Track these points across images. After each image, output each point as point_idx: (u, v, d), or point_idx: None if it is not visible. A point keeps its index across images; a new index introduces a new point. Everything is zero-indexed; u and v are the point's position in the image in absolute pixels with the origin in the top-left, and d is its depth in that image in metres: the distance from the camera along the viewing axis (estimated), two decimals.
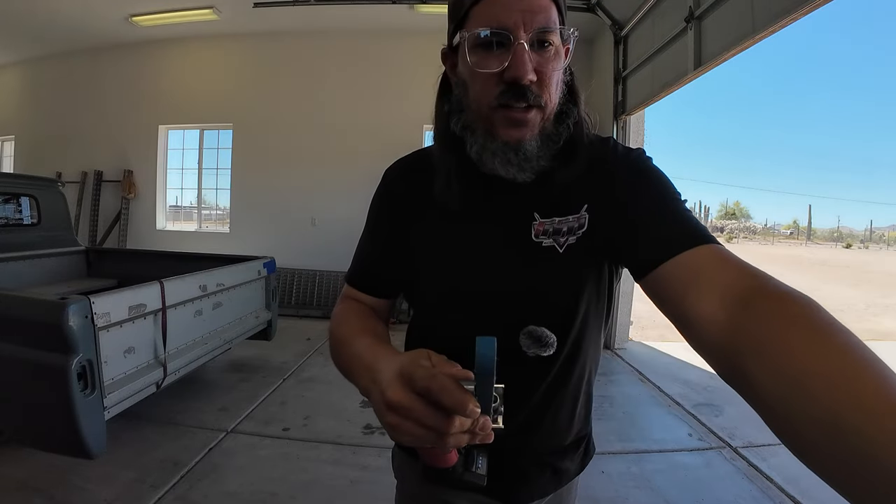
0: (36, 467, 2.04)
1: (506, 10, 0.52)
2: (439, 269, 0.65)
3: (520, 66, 0.52)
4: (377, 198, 0.72)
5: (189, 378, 2.83)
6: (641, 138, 4.37)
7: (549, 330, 0.62)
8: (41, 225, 3.42)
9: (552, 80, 0.55)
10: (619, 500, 2.03)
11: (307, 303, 5.34)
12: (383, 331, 0.65)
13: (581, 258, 0.61)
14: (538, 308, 0.62)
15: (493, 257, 0.63)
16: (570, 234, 0.61)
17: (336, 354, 0.62)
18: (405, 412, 0.41)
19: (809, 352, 0.34)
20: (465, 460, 0.60)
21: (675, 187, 0.59)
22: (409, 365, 0.43)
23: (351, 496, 1.99)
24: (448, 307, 0.66)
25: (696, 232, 0.52)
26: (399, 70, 5.34)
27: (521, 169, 0.58)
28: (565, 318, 0.63)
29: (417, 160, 0.71)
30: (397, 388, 0.42)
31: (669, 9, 3.41)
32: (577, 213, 0.61)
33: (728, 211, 65.28)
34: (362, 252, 0.72)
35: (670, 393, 3.27)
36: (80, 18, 5.15)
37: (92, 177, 6.02)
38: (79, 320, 1.70)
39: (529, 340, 0.61)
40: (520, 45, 0.51)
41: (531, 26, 0.52)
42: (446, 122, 0.62)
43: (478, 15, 0.53)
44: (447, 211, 0.63)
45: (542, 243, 0.61)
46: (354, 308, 0.69)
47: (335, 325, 0.66)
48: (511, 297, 0.62)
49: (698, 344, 0.46)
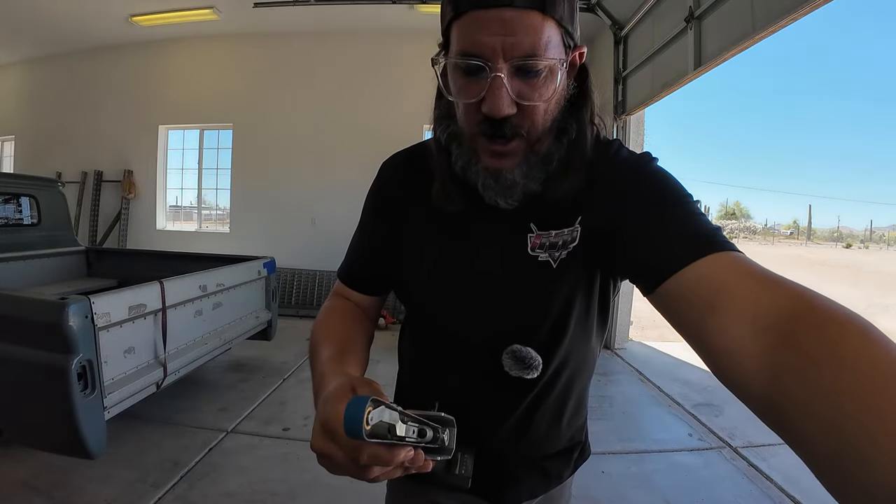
0: (36, 467, 2.04)
1: (484, 33, 0.45)
2: (431, 275, 0.63)
3: (495, 101, 0.46)
4: (371, 194, 0.70)
5: (189, 378, 2.83)
6: (641, 138, 4.37)
7: (535, 350, 0.59)
8: (41, 225, 3.42)
9: (537, 110, 0.49)
10: (619, 500, 2.02)
11: (307, 303, 5.34)
12: (359, 335, 0.63)
13: (572, 273, 0.57)
14: (527, 324, 0.59)
15: (487, 270, 0.60)
16: (563, 248, 0.57)
17: (309, 350, 0.61)
18: (328, 459, 0.41)
19: (872, 406, 0.27)
20: (447, 463, 0.59)
21: (683, 188, 0.52)
22: (332, 417, 0.40)
23: (351, 496, 1.99)
24: (437, 314, 0.65)
25: (710, 237, 0.44)
26: (399, 70, 5.34)
27: (504, 196, 0.55)
28: (554, 336, 0.60)
29: (415, 156, 0.68)
30: (319, 436, 0.41)
31: (669, 9, 3.41)
32: (570, 226, 0.57)
33: (728, 211, 65.27)
34: (354, 248, 0.71)
35: (670, 393, 3.27)
36: (80, 18, 5.15)
37: (92, 177, 6.02)
38: (79, 320, 1.70)
39: (512, 361, 0.58)
40: (496, 79, 0.46)
41: (511, 53, 0.45)
42: (437, 127, 0.59)
43: (458, 33, 0.48)
44: (442, 214, 0.60)
45: (538, 258, 0.57)
46: (338, 308, 0.67)
47: (315, 325, 0.65)
48: (501, 311, 0.60)
49: (729, 382, 0.38)
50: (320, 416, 0.42)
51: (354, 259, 0.71)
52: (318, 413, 0.43)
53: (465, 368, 0.64)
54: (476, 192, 0.56)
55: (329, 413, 0.41)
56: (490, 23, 0.44)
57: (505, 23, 0.44)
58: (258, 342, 3.40)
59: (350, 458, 0.39)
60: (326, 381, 0.48)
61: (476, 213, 0.59)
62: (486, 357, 0.61)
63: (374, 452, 0.37)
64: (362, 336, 0.64)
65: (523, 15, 0.44)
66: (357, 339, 0.62)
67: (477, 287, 0.60)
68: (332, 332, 0.61)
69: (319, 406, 0.44)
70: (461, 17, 0.46)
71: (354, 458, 0.38)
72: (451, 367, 0.65)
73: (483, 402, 0.64)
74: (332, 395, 0.43)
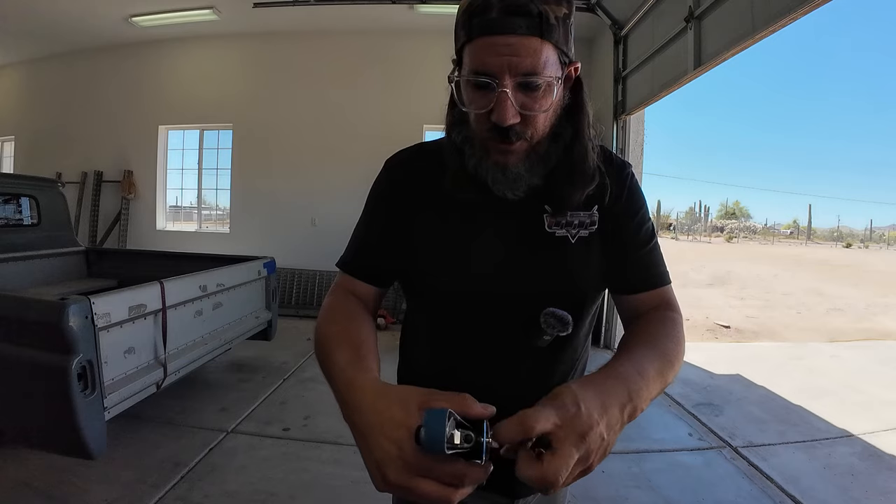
0: (36, 467, 2.04)
1: (492, 55, 0.54)
2: (450, 257, 0.67)
3: (502, 112, 0.55)
4: (377, 185, 0.73)
5: (189, 378, 2.83)
6: (641, 138, 4.38)
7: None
8: (41, 225, 3.42)
9: (538, 118, 0.59)
10: (620, 500, 2.03)
11: (307, 303, 5.34)
12: (366, 333, 0.65)
13: (591, 250, 0.67)
14: (551, 293, 0.65)
15: (507, 243, 0.66)
16: (582, 227, 0.67)
17: (319, 353, 0.63)
18: (405, 491, 0.44)
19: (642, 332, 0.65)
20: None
21: (651, 220, 0.73)
22: (411, 455, 0.44)
23: (351, 496, 1.99)
24: (460, 294, 0.68)
25: (662, 276, 0.71)
26: (399, 70, 5.33)
27: (511, 188, 0.63)
28: (574, 305, 0.66)
29: (420, 153, 0.73)
30: (398, 470, 0.44)
31: (669, 8, 3.41)
32: (588, 211, 0.67)
33: (728, 211, 65.23)
34: (358, 239, 0.73)
35: (670, 393, 3.27)
36: (80, 18, 5.15)
37: (92, 177, 6.02)
38: (79, 321, 1.70)
39: (553, 319, 0.64)
40: (502, 93, 0.55)
41: (515, 72, 0.54)
42: (450, 131, 0.67)
43: (470, 54, 0.57)
44: (456, 205, 0.66)
45: (555, 233, 0.66)
46: (342, 304, 0.69)
47: (322, 320, 0.66)
48: (525, 281, 0.66)
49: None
50: (395, 448, 0.45)
51: (359, 248, 0.73)
52: (380, 440, 0.46)
53: (492, 347, 0.68)
54: (486, 186, 0.64)
55: (402, 439, 0.44)
56: (497, 47, 0.54)
57: (510, 46, 0.53)
58: (258, 342, 3.40)
59: (442, 482, 0.43)
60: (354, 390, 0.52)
61: (489, 203, 0.66)
62: (512, 330, 0.66)
63: (463, 471, 0.43)
64: (368, 333, 0.66)
65: (524, 40, 0.53)
66: (366, 337, 0.64)
67: (500, 263, 0.66)
68: (342, 332, 0.63)
69: (380, 434, 0.47)
70: (473, 41, 0.56)
71: (446, 480, 0.43)
72: (477, 348, 0.69)
73: (506, 377, 0.68)
74: (393, 417, 0.46)
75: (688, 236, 42.67)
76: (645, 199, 0.73)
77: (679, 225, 51.41)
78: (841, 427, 2.75)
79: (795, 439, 2.60)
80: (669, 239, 37.41)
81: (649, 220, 0.72)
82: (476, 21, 0.55)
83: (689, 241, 36.14)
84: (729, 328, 5.86)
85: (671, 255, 7.95)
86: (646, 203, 0.72)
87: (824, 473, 2.25)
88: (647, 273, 0.70)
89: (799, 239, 46.47)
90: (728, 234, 44.13)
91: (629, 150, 4.29)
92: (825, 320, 6.68)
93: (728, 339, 5.32)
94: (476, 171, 0.64)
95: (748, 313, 6.96)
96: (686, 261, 15.50)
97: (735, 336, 5.49)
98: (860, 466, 2.32)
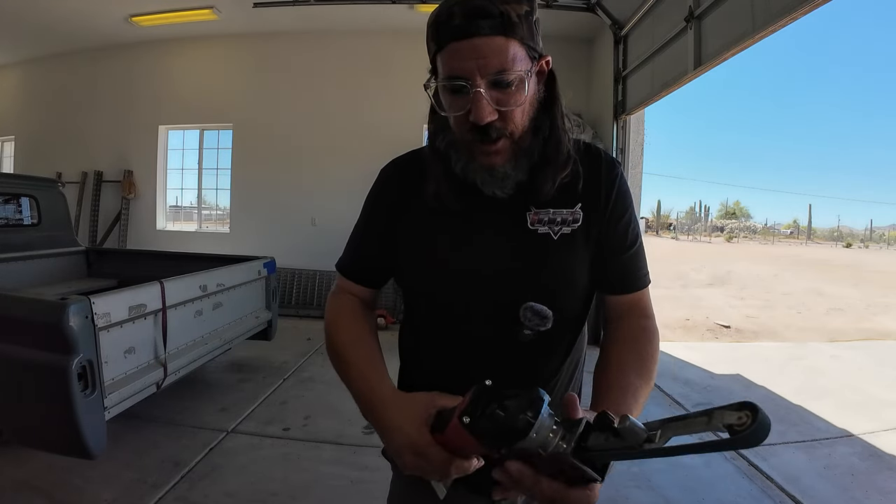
0: (36, 467, 2.04)
1: (462, 59, 0.57)
2: (442, 260, 0.70)
3: (478, 111, 0.57)
4: (372, 193, 0.78)
5: (189, 378, 2.83)
6: (641, 137, 4.38)
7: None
8: (41, 225, 3.42)
9: (515, 113, 0.61)
10: (620, 500, 2.03)
11: (307, 303, 5.35)
12: (374, 338, 0.74)
13: (574, 247, 0.69)
14: (531, 289, 0.67)
15: (488, 240, 0.68)
16: (565, 224, 0.68)
17: (335, 359, 0.72)
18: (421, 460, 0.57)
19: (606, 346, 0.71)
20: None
21: (637, 221, 0.75)
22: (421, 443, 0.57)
23: (351, 496, 1.99)
24: (445, 292, 0.70)
25: (641, 279, 0.74)
26: (399, 70, 5.33)
27: (499, 187, 0.66)
28: (556, 301, 0.68)
29: (413, 160, 0.76)
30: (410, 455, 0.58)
31: (669, 8, 3.41)
32: (570, 209, 0.68)
33: (728, 210, 65.21)
34: (355, 243, 0.79)
35: (670, 393, 3.27)
36: (80, 18, 5.15)
37: (92, 177, 6.02)
38: (79, 320, 1.70)
39: (531, 314, 0.66)
40: (476, 93, 0.57)
41: (486, 71, 0.56)
42: (433, 139, 0.69)
43: (442, 62, 0.60)
44: (447, 208, 0.69)
45: (537, 231, 0.68)
46: (348, 307, 0.77)
47: (334, 327, 0.74)
48: (505, 277, 0.68)
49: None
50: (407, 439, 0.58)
51: (356, 253, 0.79)
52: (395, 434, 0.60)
53: (478, 343, 0.71)
54: (476, 187, 0.67)
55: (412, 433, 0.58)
56: (466, 50, 0.56)
57: (477, 48, 0.56)
58: (258, 342, 3.40)
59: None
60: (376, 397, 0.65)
61: (478, 204, 0.68)
62: (502, 323, 0.68)
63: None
64: (373, 330, 0.76)
65: (489, 40, 0.56)
66: (377, 346, 0.73)
67: (486, 262, 0.68)
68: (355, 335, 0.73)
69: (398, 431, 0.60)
70: (443, 49, 0.59)
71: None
72: (464, 345, 0.72)
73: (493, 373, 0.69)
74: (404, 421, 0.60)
75: (688, 236, 42.61)
76: (632, 200, 0.74)
77: (679, 225, 51.35)
78: (841, 427, 2.75)
79: (795, 439, 2.60)
80: (669, 238, 37.39)
81: (635, 221, 0.73)
82: (443, 29, 0.58)
83: (689, 240, 36.10)
84: (729, 328, 5.86)
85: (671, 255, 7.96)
86: (632, 204, 0.74)
87: (824, 473, 2.25)
88: (627, 276, 0.73)
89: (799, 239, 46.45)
90: (728, 234, 44.09)
91: (629, 149, 4.29)
92: (825, 320, 6.68)
93: (728, 339, 5.31)
94: (464, 174, 0.66)
95: (748, 313, 6.95)
96: (686, 261, 15.48)
97: (735, 336, 5.49)
98: (860, 466, 2.32)
